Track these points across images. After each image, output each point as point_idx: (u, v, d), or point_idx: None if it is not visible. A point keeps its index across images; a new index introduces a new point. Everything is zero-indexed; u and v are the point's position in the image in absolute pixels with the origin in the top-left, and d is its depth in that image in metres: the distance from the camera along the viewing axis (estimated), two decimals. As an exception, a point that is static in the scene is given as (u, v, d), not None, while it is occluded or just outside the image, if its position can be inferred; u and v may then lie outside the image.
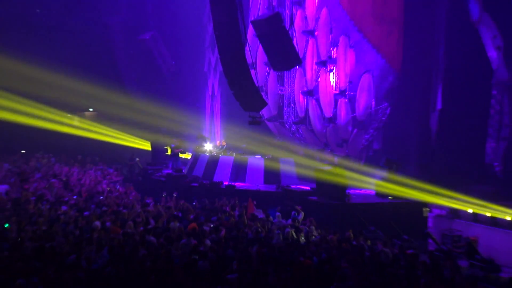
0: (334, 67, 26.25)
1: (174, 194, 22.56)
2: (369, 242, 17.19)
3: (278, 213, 19.67)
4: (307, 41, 26.93)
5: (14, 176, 26.49)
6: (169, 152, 30.09)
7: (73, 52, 35.97)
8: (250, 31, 26.32)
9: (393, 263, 14.64)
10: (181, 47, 36.84)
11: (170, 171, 28.10)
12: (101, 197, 22.61)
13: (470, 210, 19.73)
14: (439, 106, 23.92)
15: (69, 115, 36.35)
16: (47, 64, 32.21)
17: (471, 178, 21.34)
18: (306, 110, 27.46)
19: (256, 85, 26.01)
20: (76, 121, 36.73)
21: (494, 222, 18.94)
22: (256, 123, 26.48)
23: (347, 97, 25.71)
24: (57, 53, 34.43)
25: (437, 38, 24.12)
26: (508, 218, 18.58)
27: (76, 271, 12.15)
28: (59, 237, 15.34)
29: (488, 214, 19.21)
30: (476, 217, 19.53)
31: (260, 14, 27.20)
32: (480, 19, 22.50)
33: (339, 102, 26.07)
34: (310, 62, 26.81)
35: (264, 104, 25.08)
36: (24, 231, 16.03)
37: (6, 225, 16.64)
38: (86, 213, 18.56)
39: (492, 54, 22.24)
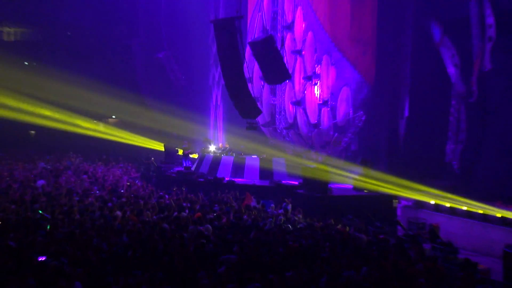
0: (318, 81, 26.30)
1: (183, 188, 22.64)
2: (347, 228, 17.29)
3: (272, 204, 19.79)
4: (296, 59, 26.97)
5: (49, 173, 26.60)
6: (180, 153, 30.15)
7: (99, 69, 36.12)
8: (248, 51, 26.39)
9: (367, 246, 14.73)
10: (189, 64, 36.91)
11: (180, 169, 28.12)
12: (122, 191, 22.67)
13: (432, 202, 19.78)
14: (406, 114, 24.00)
15: (95, 121, 36.42)
16: (79, 79, 32.36)
17: (433, 174, 21.42)
18: (295, 117, 27.49)
19: (253, 96, 26.03)
20: (101, 126, 36.86)
21: (453, 211, 19.00)
22: (252, 128, 26.61)
23: (329, 107, 25.79)
24: (87, 71, 34.54)
25: (405, 56, 24.21)
26: (464, 208, 18.66)
27: (100, 253, 12.24)
28: (87, 225, 15.43)
29: (448, 205, 19.27)
30: (437, 207, 19.58)
31: (256, 36, 27.28)
32: (441, 41, 22.57)
33: (322, 111, 26.13)
34: (298, 77, 26.85)
35: (259, 112, 25.09)
36: (57, 219, 16.11)
37: (40, 212, 16.71)
38: (109, 204, 18.59)
39: (451, 70, 22.32)
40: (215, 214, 17.87)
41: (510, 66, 19.98)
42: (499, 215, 17.57)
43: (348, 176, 23.68)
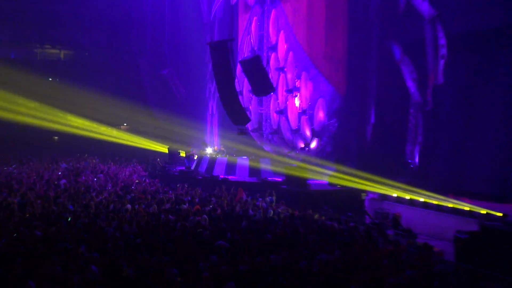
0: (298, 94, 26.32)
1: (185, 184, 22.61)
2: (323, 217, 17.35)
3: (260, 198, 19.81)
4: (279, 75, 27.04)
5: (69, 172, 26.53)
6: (183, 154, 30.12)
7: (113, 84, 36.08)
8: (238, 68, 26.42)
9: (339, 233, 14.76)
10: (189, 79, 36.90)
11: (182, 168, 28.11)
12: (133, 187, 22.62)
13: (394, 194, 19.82)
14: (372, 120, 24.03)
15: (109, 128, 36.30)
16: (95, 93, 32.36)
17: (395, 171, 21.44)
18: (279, 124, 27.55)
19: (243, 106, 26.14)
20: (114, 132, 36.72)
21: (412, 202, 19.04)
22: (243, 133, 26.66)
23: (307, 115, 25.80)
24: (102, 85, 34.50)
25: (371, 72, 24.23)
26: (421, 199, 18.73)
27: (113, 240, 12.22)
28: (102, 216, 15.41)
29: (407, 197, 19.32)
30: (399, 199, 19.62)
31: (245, 56, 27.31)
32: (401, 59, 22.63)
33: (302, 118, 26.16)
34: (281, 90, 26.91)
35: (248, 120, 25.16)
36: (77, 212, 16.10)
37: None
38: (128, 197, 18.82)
39: (410, 84, 22.39)
40: (211, 206, 17.91)
41: (459, 79, 20.12)
42: (450, 205, 17.65)
43: (324, 173, 23.74)
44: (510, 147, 17.63)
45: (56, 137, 37.70)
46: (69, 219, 15.04)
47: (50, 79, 36.96)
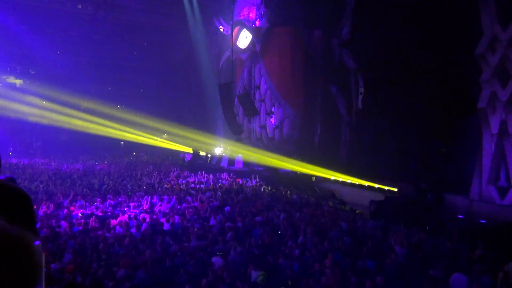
0: (273, 115, 26.11)
1: (203, 172, 22.26)
2: (288, 193, 17.13)
3: (248, 180, 19.63)
4: (261, 104, 26.75)
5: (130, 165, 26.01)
6: (202, 153, 29.44)
7: (161, 108, 35.25)
8: (236, 100, 26.25)
9: (299, 202, 14.60)
10: (205, 106, 36.33)
11: (201, 161, 27.81)
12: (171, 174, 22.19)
13: (332, 177, 19.77)
14: (318, 132, 24.00)
15: (155, 136, 35.57)
16: (148, 115, 31.96)
17: (332, 162, 21.26)
18: (261, 134, 27.31)
19: (239, 122, 25.95)
20: (159, 139, 36.03)
21: (343, 183, 19.01)
22: (239, 140, 26.42)
23: (279, 128, 25.62)
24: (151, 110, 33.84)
25: (318, 102, 24.23)
26: (349, 181, 18.68)
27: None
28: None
29: (340, 179, 19.28)
30: (335, 181, 19.59)
31: (240, 92, 27.08)
32: (336, 94, 22.58)
33: (275, 131, 25.96)
34: (262, 113, 26.65)
35: (242, 131, 25.13)
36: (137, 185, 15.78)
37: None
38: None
39: (342, 110, 22.32)
40: (219, 185, 17.70)
41: (371, 106, 20.07)
42: (366, 184, 17.63)
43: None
44: (403, 148, 17.55)
45: (122, 142, 36.88)
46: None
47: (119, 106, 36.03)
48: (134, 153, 34.04)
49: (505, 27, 13.01)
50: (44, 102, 32.92)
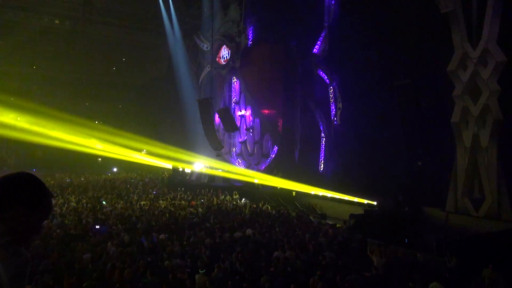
0: (252, 130, 26.19)
1: (182, 188, 21.95)
2: (269, 208, 17.04)
3: (228, 195, 19.46)
4: (241, 119, 26.86)
5: (108, 182, 25.46)
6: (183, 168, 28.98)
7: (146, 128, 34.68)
8: (216, 115, 26.22)
9: (279, 217, 14.56)
10: (187, 124, 36.13)
11: (180, 178, 27.36)
12: (154, 192, 21.68)
13: (313, 192, 19.66)
14: (299, 146, 24.19)
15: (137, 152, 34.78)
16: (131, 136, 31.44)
17: (313, 178, 21.38)
18: (241, 149, 27.28)
19: (219, 138, 25.91)
20: (138, 154, 35.12)
21: (324, 197, 19.07)
22: (219, 155, 26.32)
23: (259, 143, 25.69)
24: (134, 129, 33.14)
25: (297, 116, 24.50)
26: (329, 195, 18.75)
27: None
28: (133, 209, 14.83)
29: (320, 193, 19.32)
30: (316, 195, 19.61)
31: (220, 107, 27.14)
32: (314, 109, 22.93)
33: (255, 146, 25.99)
34: (242, 128, 26.73)
35: (222, 147, 25.09)
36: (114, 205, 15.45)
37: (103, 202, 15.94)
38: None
39: (321, 125, 22.65)
40: (202, 201, 17.53)
41: (348, 122, 20.44)
42: (345, 197, 17.76)
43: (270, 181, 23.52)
44: (375, 163, 17.85)
45: (100, 159, 36.01)
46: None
47: (97, 122, 35.26)
48: (109, 173, 33.12)
49: (475, 46, 13.60)
50: (18, 118, 31.98)
